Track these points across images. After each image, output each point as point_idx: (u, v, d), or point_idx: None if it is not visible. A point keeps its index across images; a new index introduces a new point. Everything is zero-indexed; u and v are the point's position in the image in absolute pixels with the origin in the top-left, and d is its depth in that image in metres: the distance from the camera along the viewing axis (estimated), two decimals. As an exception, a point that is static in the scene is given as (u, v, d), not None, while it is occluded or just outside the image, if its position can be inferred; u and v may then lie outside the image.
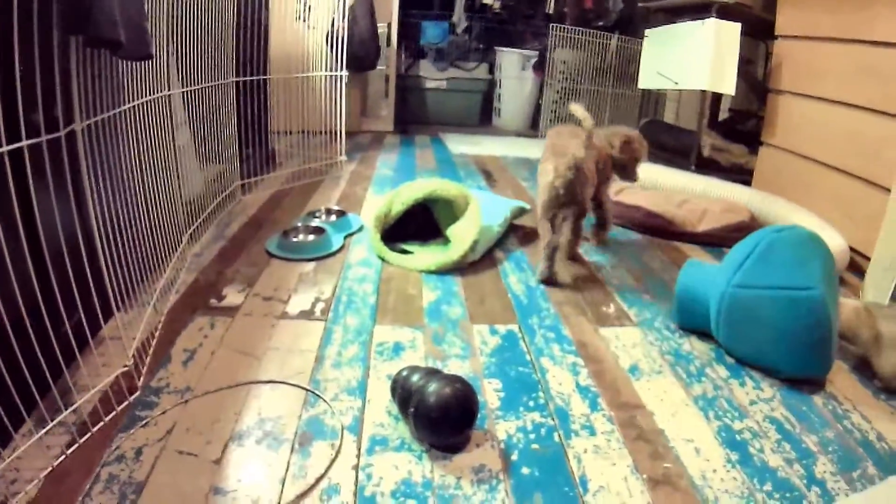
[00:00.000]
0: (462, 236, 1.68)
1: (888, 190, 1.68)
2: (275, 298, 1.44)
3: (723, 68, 2.55)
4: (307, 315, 1.37)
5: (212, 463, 0.89)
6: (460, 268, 1.68)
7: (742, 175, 2.72)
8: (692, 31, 2.64)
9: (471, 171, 2.97)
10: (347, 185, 2.55)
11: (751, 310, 1.22)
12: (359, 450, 0.94)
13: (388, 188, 2.50)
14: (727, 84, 2.58)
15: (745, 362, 1.28)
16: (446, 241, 1.76)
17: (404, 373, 1.03)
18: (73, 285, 0.92)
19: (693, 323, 1.40)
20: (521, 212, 2.06)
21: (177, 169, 1.56)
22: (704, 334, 1.39)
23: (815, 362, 1.19)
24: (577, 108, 1.63)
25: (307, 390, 1.09)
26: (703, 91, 2.77)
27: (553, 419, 1.05)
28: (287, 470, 0.89)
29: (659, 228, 2.14)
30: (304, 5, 2.83)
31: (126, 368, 1.04)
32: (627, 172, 1.92)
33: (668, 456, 0.98)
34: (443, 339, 1.30)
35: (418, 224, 1.87)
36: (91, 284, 0.97)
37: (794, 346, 1.17)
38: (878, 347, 1.22)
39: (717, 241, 2.07)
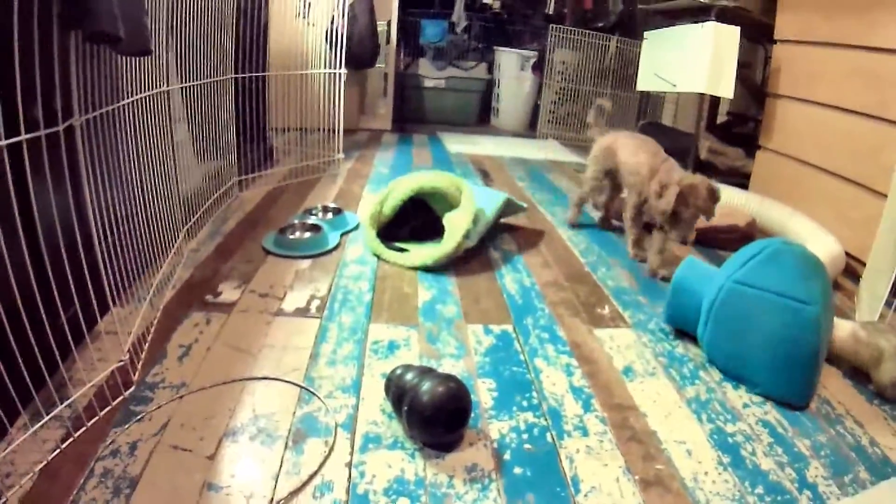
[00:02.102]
0: (456, 225, 1.68)
1: (884, 195, 1.69)
2: (270, 295, 1.44)
3: (721, 71, 2.55)
4: (303, 312, 1.37)
5: (206, 459, 0.89)
6: (456, 266, 1.68)
7: (739, 178, 2.72)
8: (691, 33, 2.65)
9: (468, 171, 2.97)
10: (344, 182, 2.55)
11: (745, 308, 1.21)
12: (352, 447, 0.95)
13: (384, 186, 2.49)
14: (725, 87, 2.58)
15: (723, 371, 1.27)
16: (442, 237, 1.76)
17: (398, 371, 1.04)
18: (70, 279, 0.92)
19: (681, 319, 1.39)
20: (516, 207, 2.04)
21: (174, 164, 1.56)
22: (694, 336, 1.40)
23: (795, 381, 1.16)
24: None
25: (302, 387, 1.09)
26: (702, 94, 2.78)
27: (546, 419, 1.06)
28: (280, 467, 0.89)
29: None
30: (304, 2, 2.83)
31: (121, 363, 1.05)
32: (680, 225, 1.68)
33: (661, 457, 0.98)
34: (437, 338, 1.31)
35: (414, 224, 1.87)
36: (88, 279, 0.97)
37: (776, 355, 1.16)
38: (879, 361, 1.23)
39: (706, 240, 2.08)
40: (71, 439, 0.90)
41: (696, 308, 1.32)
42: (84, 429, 0.92)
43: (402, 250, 1.75)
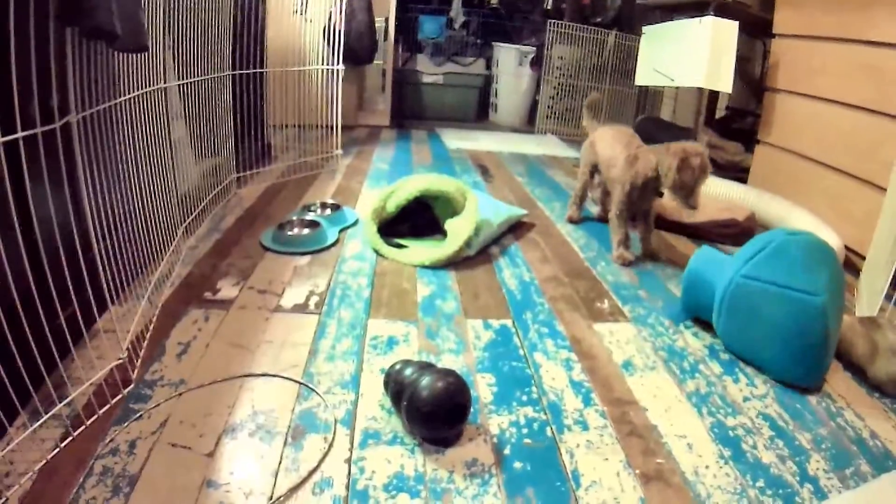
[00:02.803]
0: (458, 231, 1.68)
1: (883, 189, 1.69)
2: (269, 292, 1.44)
3: (720, 66, 2.55)
4: (301, 308, 1.37)
5: (205, 456, 0.89)
6: (454, 262, 1.68)
7: (738, 173, 2.72)
8: (690, 28, 2.64)
9: (467, 167, 2.97)
10: (343, 179, 2.55)
11: (753, 302, 1.23)
12: (351, 443, 0.95)
13: (383, 183, 2.49)
14: (724, 82, 2.58)
15: (739, 357, 1.29)
16: (443, 236, 1.76)
17: (397, 366, 1.04)
18: (68, 278, 0.92)
19: (696, 308, 1.41)
20: (518, 217, 2.06)
21: (172, 162, 1.56)
22: (699, 330, 1.40)
23: (805, 368, 1.19)
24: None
25: (300, 383, 1.09)
26: (700, 89, 2.78)
27: (546, 414, 1.05)
28: (280, 463, 0.89)
29: None
30: (302, -1, 2.82)
31: (120, 361, 1.04)
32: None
33: (661, 452, 0.98)
34: (436, 333, 1.31)
35: (415, 221, 1.87)
36: (86, 277, 0.97)
37: (787, 346, 1.18)
38: (873, 357, 1.23)
39: (705, 234, 2.08)
40: (70, 438, 0.90)
41: (712, 296, 1.34)
42: (83, 427, 0.92)
43: (401, 246, 1.75)
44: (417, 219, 1.87)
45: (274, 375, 1.11)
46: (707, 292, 1.36)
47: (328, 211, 1.99)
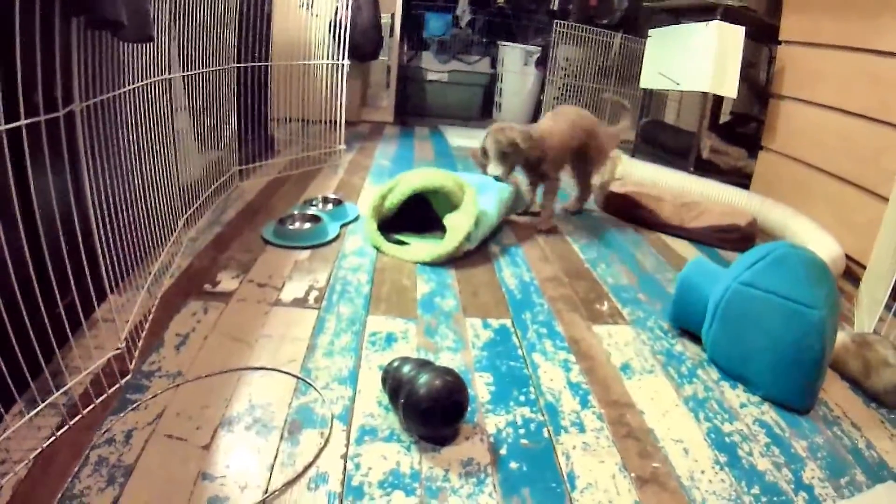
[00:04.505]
0: (457, 226, 1.68)
1: (885, 198, 1.68)
2: (269, 285, 1.44)
3: (725, 71, 2.55)
4: (301, 303, 1.37)
5: (201, 448, 0.89)
6: (455, 259, 1.68)
7: (740, 178, 2.72)
8: (696, 32, 2.64)
9: (469, 164, 2.96)
10: (345, 174, 2.55)
11: (750, 310, 1.20)
12: (348, 439, 0.95)
13: (385, 179, 2.49)
14: (729, 87, 2.58)
15: (726, 371, 1.26)
16: (443, 232, 1.76)
17: (395, 363, 1.03)
18: (68, 267, 0.92)
19: (686, 318, 1.39)
20: (521, 203, 2.04)
21: (175, 153, 1.56)
22: (698, 336, 1.39)
23: (797, 386, 1.15)
24: None
25: (298, 378, 1.09)
26: (705, 93, 2.77)
27: (543, 415, 1.05)
28: (275, 457, 0.89)
29: (645, 219, 2.20)
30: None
31: (118, 351, 1.04)
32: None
33: (657, 455, 0.98)
34: (435, 331, 1.31)
35: (415, 217, 1.86)
36: (86, 266, 0.97)
37: (781, 359, 1.15)
38: (868, 372, 1.23)
39: (706, 239, 2.08)
40: (66, 427, 0.90)
41: (702, 307, 1.32)
42: (79, 416, 0.92)
43: (401, 243, 1.75)
44: (419, 214, 1.87)
45: (272, 369, 1.11)
46: (698, 302, 1.33)
47: (329, 206, 1.99)
